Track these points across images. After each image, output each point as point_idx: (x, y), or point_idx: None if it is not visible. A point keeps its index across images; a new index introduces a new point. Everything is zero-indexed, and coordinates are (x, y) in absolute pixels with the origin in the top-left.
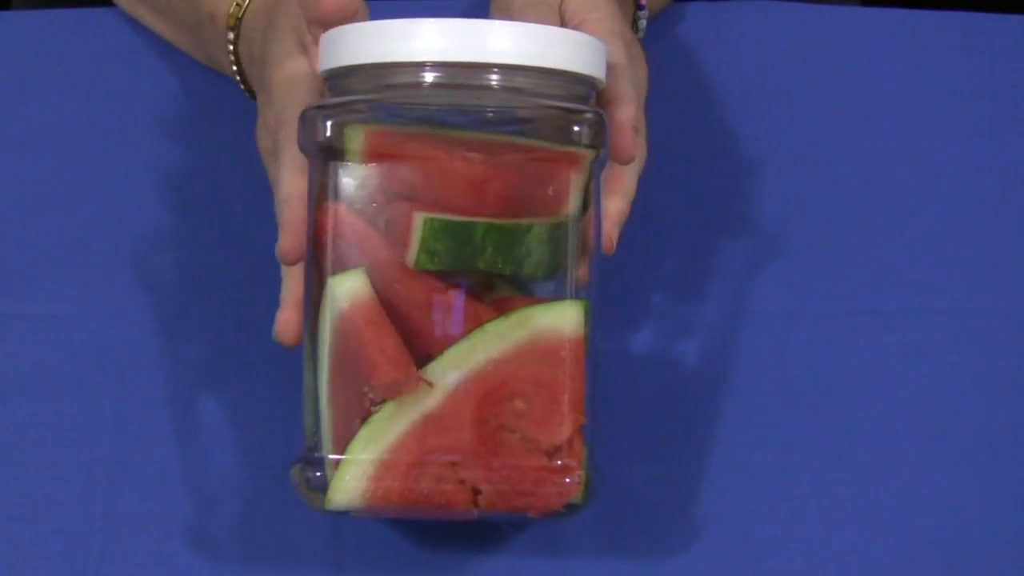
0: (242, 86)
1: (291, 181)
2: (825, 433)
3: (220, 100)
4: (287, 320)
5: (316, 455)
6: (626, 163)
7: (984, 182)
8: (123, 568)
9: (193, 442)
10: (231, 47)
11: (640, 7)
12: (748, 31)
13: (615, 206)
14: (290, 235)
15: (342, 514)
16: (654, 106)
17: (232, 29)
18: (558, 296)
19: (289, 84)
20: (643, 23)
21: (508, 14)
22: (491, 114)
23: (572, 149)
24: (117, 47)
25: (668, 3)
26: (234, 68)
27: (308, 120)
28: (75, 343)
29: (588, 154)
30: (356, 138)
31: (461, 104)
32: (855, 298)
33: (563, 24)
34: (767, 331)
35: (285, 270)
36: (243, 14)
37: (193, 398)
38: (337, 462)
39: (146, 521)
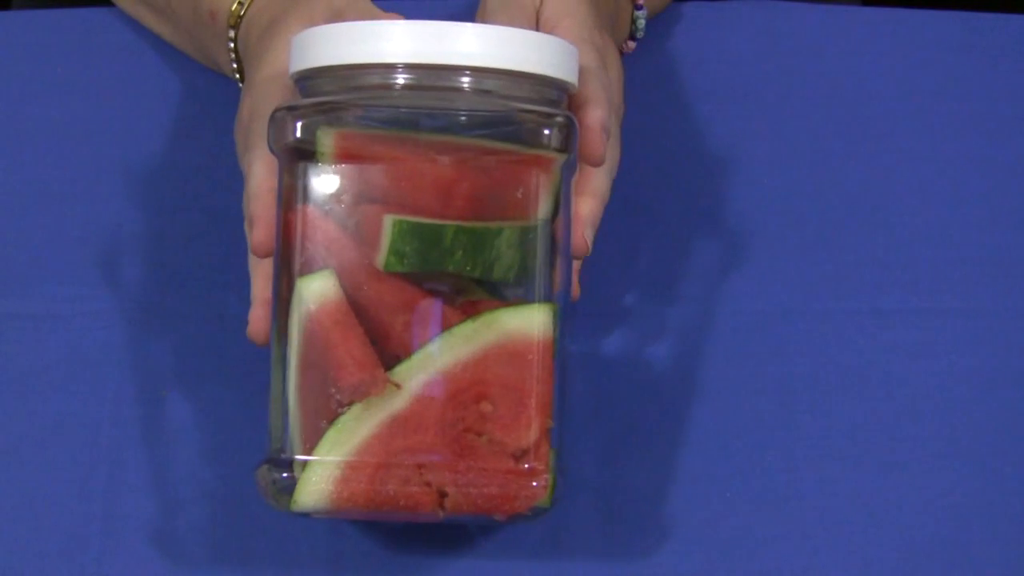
0: (241, 84)
1: (262, 176)
2: (824, 432)
3: (220, 100)
4: (258, 318)
5: (283, 456)
6: (595, 165)
7: (984, 182)
8: (123, 568)
9: (193, 442)
10: (231, 44)
11: (638, 7)
12: (748, 31)
13: (587, 207)
14: (263, 229)
15: (307, 516)
16: (654, 106)
17: (233, 27)
18: (527, 299)
19: (271, 81)
20: (641, 22)
21: (486, 19)
22: (461, 117)
23: (542, 152)
24: (117, 47)
25: (669, 2)
26: (234, 66)
27: (278, 121)
28: (75, 343)
29: (558, 158)
30: (326, 139)
31: (431, 106)
32: (855, 298)
33: (538, 29)
34: (767, 330)
35: (253, 267)
36: (245, 12)
37: (194, 398)
38: (303, 463)
39: (146, 521)
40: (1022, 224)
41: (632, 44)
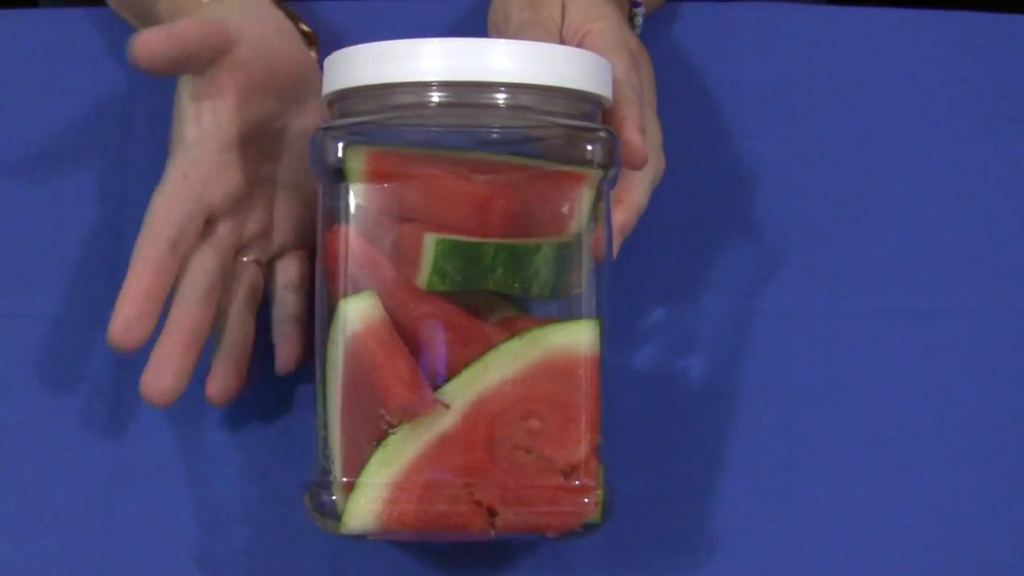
0: None
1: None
2: (826, 435)
3: None
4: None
5: (329, 479)
6: (638, 168)
7: (984, 182)
8: (123, 568)
9: (192, 442)
10: None
11: (635, 4)
12: (748, 31)
13: (619, 217)
14: None
15: (357, 538)
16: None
17: None
18: (565, 314)
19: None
20: (639, 20)
21: (505, 33)
22: (497, 134)
23: (584, 168)
24: (117, 47)
25: (662, 1)
26: None
27: (317, 142)
28: (75, 343)
29: (600, 173)
30: (361, 159)
31: (467, 124)
32: (855, 298)
33: (564, 38)
34: (767, 331)
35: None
36: None
37: (193, 398)
38: (351, 485)
39: (146, 521)
40: (1022, 224)
41: None
